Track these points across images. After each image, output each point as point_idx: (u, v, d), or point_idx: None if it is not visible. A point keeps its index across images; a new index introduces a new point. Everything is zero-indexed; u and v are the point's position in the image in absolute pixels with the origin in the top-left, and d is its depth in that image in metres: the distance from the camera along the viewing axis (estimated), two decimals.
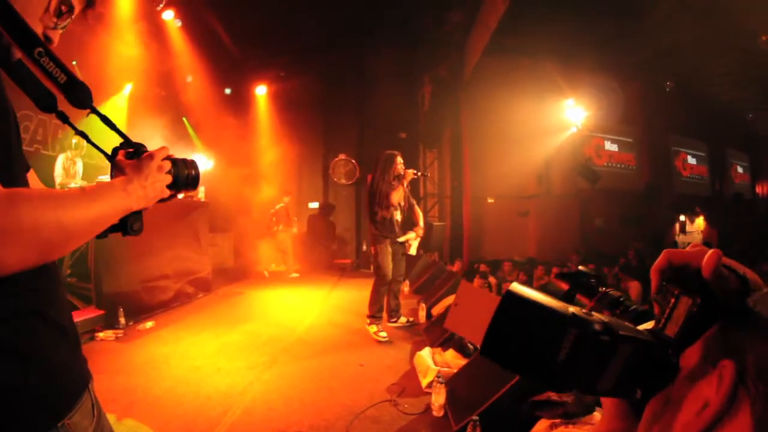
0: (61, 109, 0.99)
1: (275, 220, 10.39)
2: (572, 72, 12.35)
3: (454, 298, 4.29)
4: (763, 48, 10.03)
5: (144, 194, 1.00)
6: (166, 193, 1.07)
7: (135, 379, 3.73)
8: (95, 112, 1.02)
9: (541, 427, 2.62)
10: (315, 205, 11.55)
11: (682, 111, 15.40)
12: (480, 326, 3.05)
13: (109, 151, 1.09)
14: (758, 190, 19.93)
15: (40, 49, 0.90)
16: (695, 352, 0.47)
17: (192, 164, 1.15)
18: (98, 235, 0.96)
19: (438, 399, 3.22)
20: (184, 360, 4.22)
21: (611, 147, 14.70)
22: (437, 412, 3.22)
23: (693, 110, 15.81)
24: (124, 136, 1.09)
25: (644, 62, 12.62)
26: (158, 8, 8.61)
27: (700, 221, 17.23)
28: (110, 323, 4.82)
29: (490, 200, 12.05)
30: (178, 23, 9.06)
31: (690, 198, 16.78)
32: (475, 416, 2.73)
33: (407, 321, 5.74)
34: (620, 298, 0.61)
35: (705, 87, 14.76)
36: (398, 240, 5.38)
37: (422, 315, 5.93)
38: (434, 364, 3.92)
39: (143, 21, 8.28)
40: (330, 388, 3.72)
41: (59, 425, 0.88)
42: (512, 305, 0.43)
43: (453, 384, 3.39)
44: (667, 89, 14.18)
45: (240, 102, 11.53)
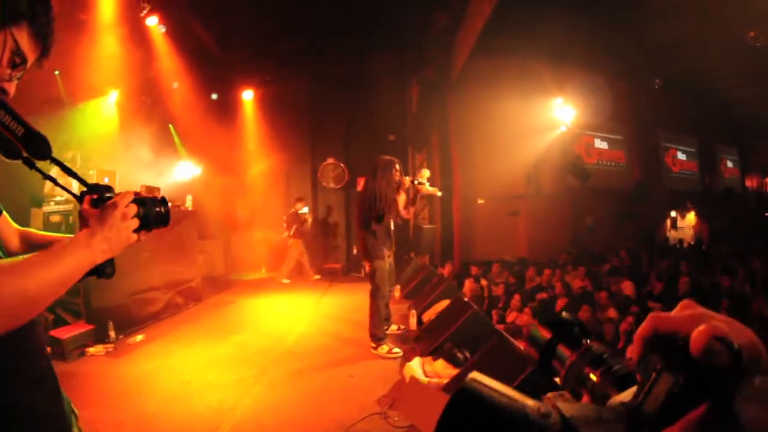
0: (27, 155, 0.99)
1: (286, 227, 10.35)
2: (560, 71, 12.37)
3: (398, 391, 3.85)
4: (751, 44, 10.11)
5: (108, 246, 1.00)
6: (133, 239, 1.06)
7: (126, 396, 3.73)
8: (55, 162, 1.02)
9: None
10: (304, 210, 11.54)
11: (671, 107, 15.49)
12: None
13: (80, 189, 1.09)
14: (748, 184, 20.13)
15: None
16: None
17: (161, 201, 1.14)
18: None
19: None
20: (175, 375, 4.21)
21: (601, 145, 14.73)
22: None
23: (681, 106, 15.93)
24: (86, 183, 1.08)
25: (632, 60, 12.68)
26: (142, 14, 8.54)
27: (691, 216, 17.40)
28: (100, 337, 4.80)
29: (480, 201, 12.05)
30: (163, 29, 8.96)
31: (680, 193, 16.90)
32: None
33: (398, 328, 5.73)
34: (603, 355, 0.57)
35: (693, 83, 14.84)
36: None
37: (413, 322, 5.90)
38: (424, 375, 3.93)
39: (126, 27, 8.21)
40: (320, 401, 3.72)
41: None
42: (460, 410, 0.41)
43: None
44: (656, 86, 14.26)
45: (227, 107, 11.46)
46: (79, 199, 1.07)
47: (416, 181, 5.58)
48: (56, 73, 7.07)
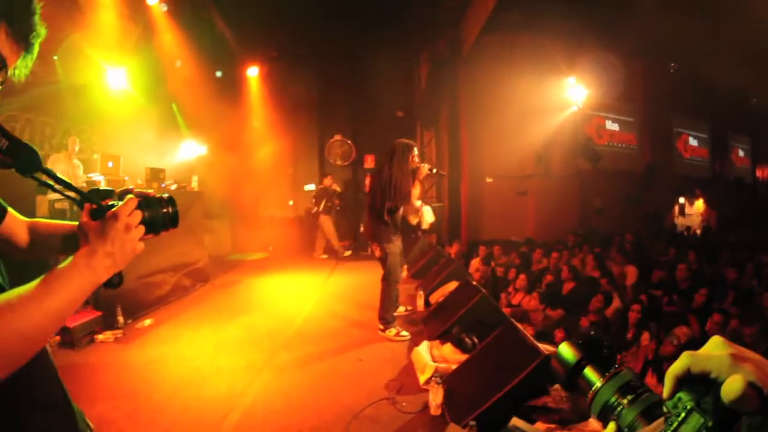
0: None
1: (315, 202, 10.35)
2: (573, 49, 12.19)
3: None
4: None
5: (112, 262, 0.93)
6: (140, 248, 0.99)
7: (136, 384, 3.75)
8: (45, 172, 0.93)
9: None
10: (311, 187, 11.48)
11: (685, 92, 15.19)
12: None
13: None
14: (759, 174, 20.00)
15: None
16: None
17: (168, 201, 1.07)
18: None
19: (435, 398, 3.24)
20: (184, 360, 4.24)
21: (612, 126, 14.55)
22: (435, 411, 3.23)
23: (696, 91, 15.58)
24: (82, 193, 0.99)
25: (647, 42, 12.41)
26: None
27: (700, 204, 17.29)
28: (109, 323, 4.81)
29: (489, 180, 11.98)
30: (164, 8, 8.83)
31: (690, 180, 16.76)
32: (472, 421, 2.75)
33: (405, 310, 5.74)
34: (631, 382, 0.59)
35: (709, 68, 14.52)
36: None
37: (420, 303, 5.92)
38: (432, 360, 3.94)
39: (126, 7, 8.08)
40: (329, 386, 3.75)
41: None
42: None
43: (450, 383, 3.40)
44: (672, 71, 13.99)
45: (231, 85, 11.32)
46: (80, 204, 0.99)
47: (435, 170, 5.50)
48: (55, 59, 6.97)
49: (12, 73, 0.93)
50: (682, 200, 16.84)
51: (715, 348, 0.49)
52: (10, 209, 1.08)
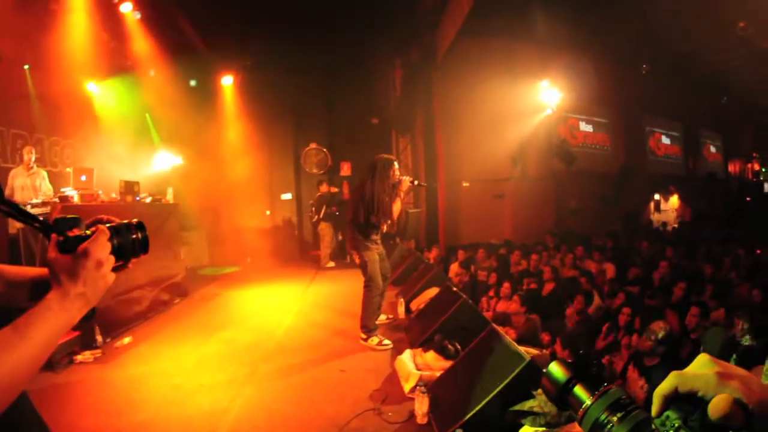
0: None
1: (314, 210, 10.28)
2: (547, 53, 12.37)
3: None
4: (741, 34, 10.14)
5: (85, 302, 0.92)
6: (111, 280, 0.97)
7: (118, 404, 3.67)
8: (7, 205, 0.91)
9: None
10: (288, 197, 11.41)
11: (657, 92, 15.61)
12: None
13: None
14: (730, 169, 20.73)
15: None
16: None
17: (138, 227, 1.05)
18: None
19: (421, 407, 3.24)
20: (165, 378, 4.16)
21: (586, 128, 14.83)
22: (421, 420, 3.23)
23: (667, 91, 16.05)
24: (46, 225, 0.96)
25: (620, 44, 12.70)
26: (115, 0, 8.29)
27: (674, 199, 17.75)
28: (87, 343, 4.70)
29: (465, 184, 12.06)
30: (137, 15, 8.72)
31: (664, 177, 17.19)
32: (459, 429, 2.76)
33: (387, 318, 5.73)
34: (620, 400, 0.59)
35: (680, 69, 14.95)
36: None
37: (401, 310, 5.93)
38: (415, 368, 3.93)
39: (100, 15, 7.97)
40: (312, 399, 3.71)
41: None
42: None
43: (435, 390, 3.40)
44: (644, 72, 14.32)
45: (206, 94, 11.22)
46: (47, 235, 0.96)
47: (416, 182, 5.55)
48: (26, 68, 6.83)
49: None
50: (657, 197, 17.22)
51: (702, 366, 0.50)
52: None
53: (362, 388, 3.82)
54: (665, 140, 17.81)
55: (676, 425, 0.48)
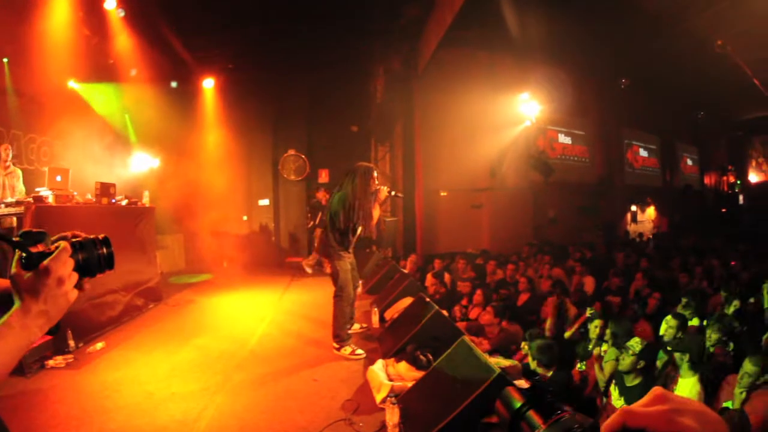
0: None
1: (310, 216, 10.24)
2: (527, 66, 12.54)
3: None
4: (718, 52, 10.37)
5: (47, 319, 0.93)
6: (74, 297, 0.98)
7: (90, 412, 3.63)
8: None
9: None
10: (265, 202, 11.37)
11: (635, 106, 15.99)
12: None
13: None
14: (706, 181, 21.33)
15: None
16: None
17: (103, 242, 1.06)
18: None
19: (392, 418, 3.25)
20: (137, 385, 4.13)
21: (565, 140, 15.05)
22: (392, 431, 3.28)
23: (645, 105, 16.50)
24: (10, 241, 0.98)
25: (599, 57, 12.95)
26: None
27: (651, 211, 18.14)
28: (60, 347, 4.64)
29: (443, 193, 12.14)
30: (121, 13, 8.57)
31: (641, 189, 17.57)
32: None
33: (361, 327, 5.77)
34: (572, 429, 0.59)
35: (658, 84, 15.31)
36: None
37: (375, 320, 5.96)
38: (387, 378, 3.97)
39: (83, 11, 7.85)
40: (284, 408, 3.72)
41: None
42: None
43: (406, 401, 3.43)
44: (622, 86, 14.63)
45: (187, 96, 11.15)
46: (14, 246, 0.97)
47: (393, 192, 5.57)
48: (5, 61, 6.73)
49: None
50: (634, 208, 17.59)
51: (654, 401, 0.48)
52: None
53: (334, 398, 3.84)
54: (643, 153, 18.20)
55: None
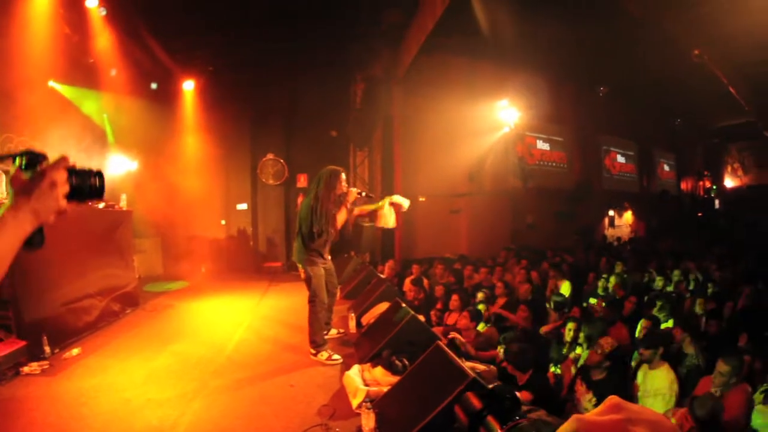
0: None
1: None
2: (506, 72, 12.72)
3: None
4: (696, 61, 10.59)
5: (35, 215, 1.01)
6: (63, 206, 1.06)
7: (66, 420, 3.61)
8: None
9: None
10: (243, 207, 11.33)
11: (613, 112, 16.35)
12: None
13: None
14: (683, 186, 21.91)
15: None
16: None
17: (97, 174, 1.16)
18: None
19: (368, 423, 3.30)
20: (114, 392, 4.12)
21: (543, 146, 15.28)
22: None
23: (623, 112, 16.88)
24: (14, 155, 1.08)
25: (577, 66, 13.15)
26: None
27: (629, 215, 18.54)
28: (34, 353, 4.58)
29: (422, 198, 12.21)
30: (103, 12, 8.48)
31: (619, 194, 17.93)
32: None
33: (337, 332, 5.80)
34: None
35: (636, 91, 15.61)
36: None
37: (352, 325, 5.97)
38: (363, 384, 4.01)
39: (63, 8, 7.75)
40: (260, 414, 3.75)
41: None
42: None
43: (382, 406, 3.47)
44: (600, 94, 14.89)
45: (166, 97, 11.05)
46: (13, 160, 1.07)
47: (363, 193, 5.57)
48: None
49: None
50: (612, 213, 17.91)
51: (609, 411, 0.48)
52: None
53: (310, 404, 3.87)
54: (620, 159, 18.57)
55: None
